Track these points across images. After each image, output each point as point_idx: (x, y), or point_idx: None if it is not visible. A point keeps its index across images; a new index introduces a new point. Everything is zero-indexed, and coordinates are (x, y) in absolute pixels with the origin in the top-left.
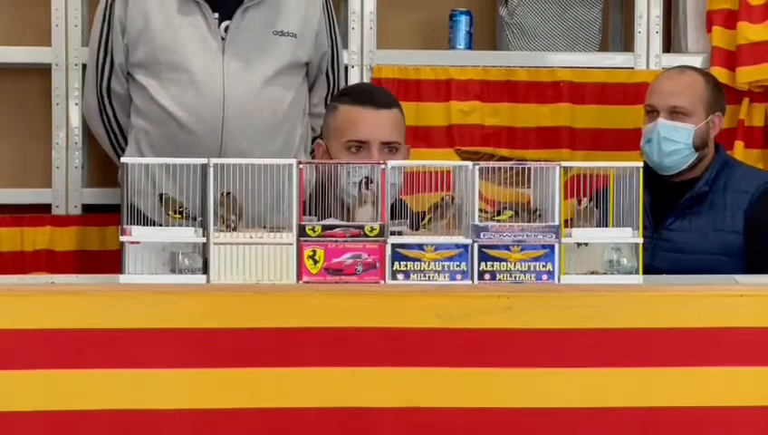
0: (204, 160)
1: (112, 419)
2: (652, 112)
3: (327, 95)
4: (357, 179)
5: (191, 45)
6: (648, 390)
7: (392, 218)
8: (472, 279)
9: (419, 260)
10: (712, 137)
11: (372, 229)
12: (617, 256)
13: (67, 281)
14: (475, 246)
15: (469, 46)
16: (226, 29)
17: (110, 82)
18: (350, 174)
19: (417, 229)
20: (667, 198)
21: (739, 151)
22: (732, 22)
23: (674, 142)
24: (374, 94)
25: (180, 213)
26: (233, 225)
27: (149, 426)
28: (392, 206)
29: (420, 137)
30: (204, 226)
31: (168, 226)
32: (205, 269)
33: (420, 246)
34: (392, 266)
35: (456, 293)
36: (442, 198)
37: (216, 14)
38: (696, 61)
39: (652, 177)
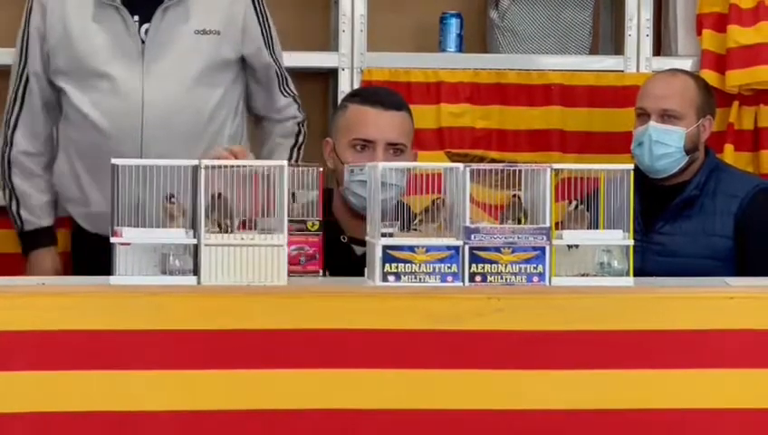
0: (195, 162)
1: (103, 420)
2: (643, 115)
3: (280, 86)
4: (361, 178)
5: (109, 51)
6: (638, 392)
7: (394, 220)
8: (463, 281)
9: (410, 262)
10: (703, 140)
11: (313, 225)
12: (607, 259)
13: (58, 282)
14: (466, 247)
15: (460, 49)
16: (147, 31)
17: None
18: (353, 172)
19: (408, 231)
20: (658, 202)
21: (729, 155)
22: (722, 25)
23: (665, 145)
24: (384, 96)
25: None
26: (229, 229)
27: (140, 428)
28: (394, 208)
29: None
30: (194, 227)
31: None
32: (195, 271)
33: (411, 248)
34: (383, 268)
35: (447, 295)
36: (434, 201)
37: (137, 17)
38: (686, 64)
39: (642, 180)
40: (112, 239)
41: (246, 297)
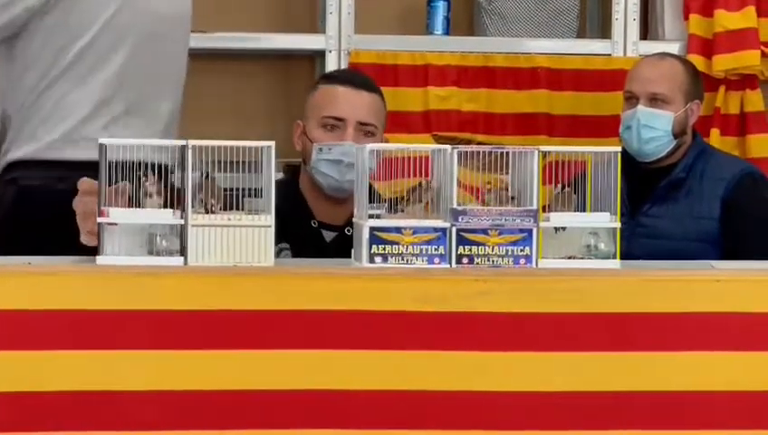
0: (183, 142)
1: (88, 400)
2: (631, 99)
3: None
4: (330, 157)
5: None
6: (624, 374)
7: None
8: (450, 263)
9: (397, 244)
10: (690, 124)
11: None
12: (594, 241)
13: (44, 262)
14: (454, 229)
15: (447, 32)
16: None
17: None
18: (322, 151)
19: (395, 213)
20: (644, 185)
21: (715, 139)
22: (709, 9)
23: (653, 129)
24: (355, 77)
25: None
26: (213, 209)
27: (125, 407)
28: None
29: (397, 122)
30: (182, 207)
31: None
32: (182, 251)
33: (398, 230)
34: (370, 250)
35: (434, 276)
36: (420, 183)
37: None
38: (673, 48)
39: (629, 163)
40: (99, 219)
41: (231, 278)
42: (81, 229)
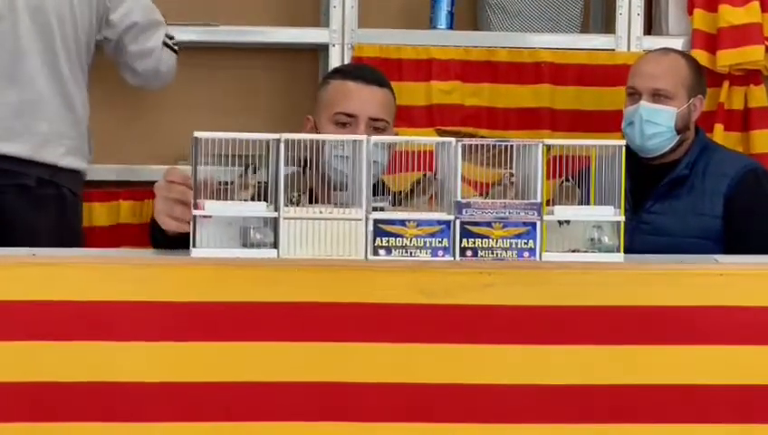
0: (276, 136)
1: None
2: (634, 95)
3: None
4: (342, 153)
5: None
6: (627, 367)
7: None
8: (454, 255)
9: (401, 236)
10: (693, 120)
11: None
12: (598, 235)
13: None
14: (457, 222)
15: (450, 26)
16: None
17: None
18: (335, 147)
19: (399, 206)
20: (647, 181)
21: (719, 135)
22: (713, 5)
23: (656, 125)
24: (366, 72)
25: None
26: (295, 200)
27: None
28: (374, 185)
29: (401, 117)
30: (275, 200)
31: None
32: (275, 244)
33: (402, 222)
34: (374, 242)
35: (438, 269)
36: (424, 175)
37: None
38: (677, 43)
39: (632, 159)
40: (194, 212)
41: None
42: (159, 213)
